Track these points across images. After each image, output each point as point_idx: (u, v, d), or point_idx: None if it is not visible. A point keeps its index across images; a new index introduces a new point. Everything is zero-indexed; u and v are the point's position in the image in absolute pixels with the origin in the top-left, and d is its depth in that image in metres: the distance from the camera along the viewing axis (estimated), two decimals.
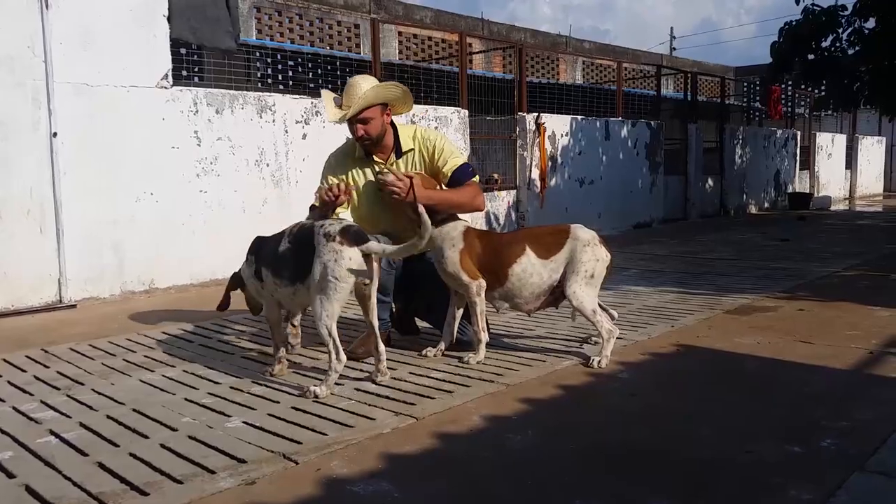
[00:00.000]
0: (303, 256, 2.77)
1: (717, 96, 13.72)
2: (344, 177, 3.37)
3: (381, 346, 2.96)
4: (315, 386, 2.77)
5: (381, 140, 3.32)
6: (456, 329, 3.32)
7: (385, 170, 3.28)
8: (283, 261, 2.88)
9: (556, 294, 3.20)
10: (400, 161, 3.39)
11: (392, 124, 3.39)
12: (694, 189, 11.94)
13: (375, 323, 2.93)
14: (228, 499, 1.93)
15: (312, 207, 3.32)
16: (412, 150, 3.39)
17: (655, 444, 2.29)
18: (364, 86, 3.24)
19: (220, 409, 2.63)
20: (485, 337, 3.23)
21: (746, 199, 13.65)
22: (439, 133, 3.55)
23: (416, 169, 3.36)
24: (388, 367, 2.97)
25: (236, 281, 3.21)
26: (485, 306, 3.19)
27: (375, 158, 3.38)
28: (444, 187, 3.33)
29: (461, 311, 3.30)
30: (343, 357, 2.76)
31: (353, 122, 3.26)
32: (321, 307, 2.71)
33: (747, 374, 3.06)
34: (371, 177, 3.37)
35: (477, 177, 3.37)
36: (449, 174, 3.31)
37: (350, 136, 3.39)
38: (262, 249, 3.06)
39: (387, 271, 3.30)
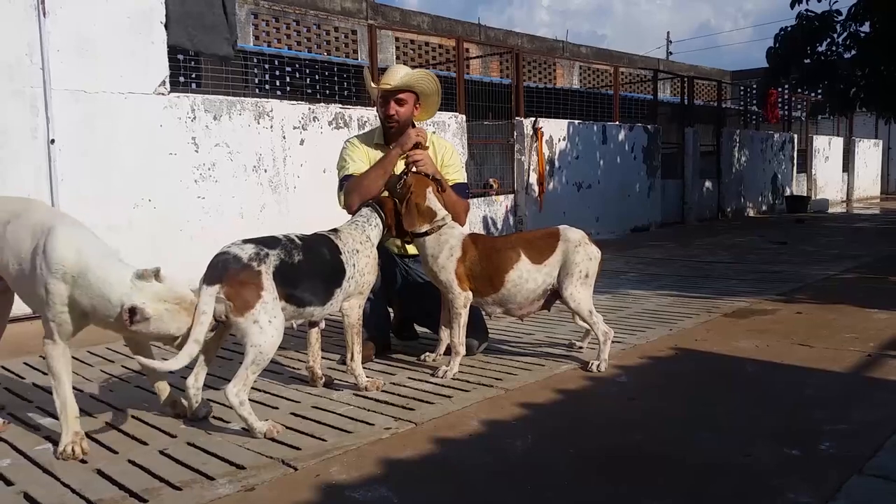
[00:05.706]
0: None
1: (713, 100, 13.77)
2: (368, 151, 3.45)
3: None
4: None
5: (404, 129, 3.39)
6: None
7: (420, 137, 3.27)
8: None
9: (549, 298, 3.20)
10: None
11: (412, 122, 3.50)
12: (691, 192, 11.96)
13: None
14: None
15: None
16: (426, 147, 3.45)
17: (654, 447, 2.29)
18: (406, 69, 3.38)
19: (219, 416, 2.62)
20: (462, 350, 3.13)
21: (744, 203, 13.68)
22: (451, 144, 3.63)
23: None
24: (386, 372, 2.96)
25: None
26: (467, 318, 3.11)
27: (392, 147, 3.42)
28: None
29: None
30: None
31: (388, 99, 3.35)
32: None
33: (745, 378, 3.06)
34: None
35: (469, 201, 3.40)
36: (448, 186, 3.35)
37: (363, 130, 3.44)
38: None
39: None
